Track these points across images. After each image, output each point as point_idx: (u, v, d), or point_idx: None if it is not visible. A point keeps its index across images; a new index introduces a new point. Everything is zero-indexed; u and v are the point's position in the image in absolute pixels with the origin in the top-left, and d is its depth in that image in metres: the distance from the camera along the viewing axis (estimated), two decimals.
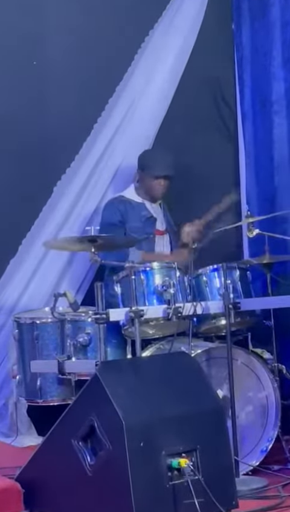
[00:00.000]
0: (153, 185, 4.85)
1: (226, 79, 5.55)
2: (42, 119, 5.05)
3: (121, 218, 4.80)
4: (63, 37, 5.10)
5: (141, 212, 4.85)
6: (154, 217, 4.90)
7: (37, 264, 5.01)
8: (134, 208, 4.85)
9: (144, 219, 4.84)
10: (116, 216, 4.80)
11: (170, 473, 3.11)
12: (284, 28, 5.15)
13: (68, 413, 3.34)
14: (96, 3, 5.21)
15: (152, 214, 4.89)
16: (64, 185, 5.10)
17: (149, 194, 4.89)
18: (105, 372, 3.27)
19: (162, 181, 4.84)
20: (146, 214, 4.87)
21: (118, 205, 4.85)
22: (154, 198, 4.92)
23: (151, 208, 4.91)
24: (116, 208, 4.83)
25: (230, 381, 3.85)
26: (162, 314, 4.01)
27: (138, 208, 4.85)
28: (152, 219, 4.88)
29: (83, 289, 5.07)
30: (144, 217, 4.85)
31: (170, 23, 5.32)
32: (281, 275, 4.76)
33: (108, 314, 3.83)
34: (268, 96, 5.24)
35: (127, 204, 4.85)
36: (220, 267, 4.17)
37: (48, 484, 3.36)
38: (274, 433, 4.13)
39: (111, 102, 5.21)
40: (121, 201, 4.87)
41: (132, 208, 4.84)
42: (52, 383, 4.43)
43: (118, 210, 4.83)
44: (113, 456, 3.09)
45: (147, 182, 4.86)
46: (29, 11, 5.03)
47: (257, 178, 5.37)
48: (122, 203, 4.86)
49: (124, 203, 4.85)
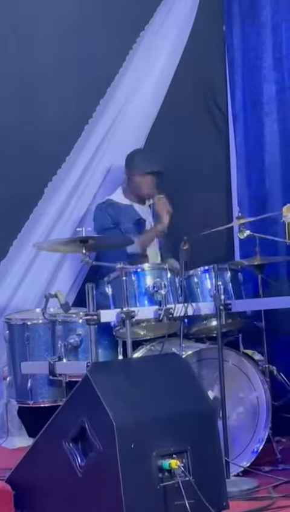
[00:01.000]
0: (141, 182, 4.85)
1: (217, 81, 5.56)
2: (33, 120, 5.04)
3: (113, 221, 4.80)
4: (53, 38, 5.10)
5: (131, 215, 4.85)
6: (144, 219, 4.89)
7: (28, 265, 5.01)
8: (122, 210, 4.85)
9: (133, 221, 4.84)
10: (107, 221, 4.81)
11: (160, 474, 3.11)
12: (275, 30, 5.17)
13: (59, 414, 3.33)
14: (87, 5, 5.21)
15: (141, 216, 4.89)
16: (55, 187, 5.10)
17: (137, 193, 4.89)
18: (96, 373, 3.26)
19: (150, 178, 4.83)
20: (136, 216, 4.87)
21: (106, 209, 4.85)
22: (142, 198, 4.92)
23: (140, 210, 4.91)
24: (106, 213, 4.84)
25: (221, 382, 3.85)
26: (153, 315, 4.01)
27: (126, 210, 4.86)
28: (141, 221, 4.88)
29: (74, 290, 5.06)
30: (133, 219, 4.85)
31: (161, 24, 5.33)
32: (272, 276, 4.77)
33: (99, 315, 3.82)
34: (259, 98, 5.25)
35: (116, 208, 4.85)
36: (211, 268, 4.17)
37: (39, 485, 3.35)
38: (265, 434, 4.13)
39: (102, 103, 5.21)
40: (110, 204, 4.87)
41: (120, 210, 4.85)
42: (43, 384, 4.42)
43: (107, 214, 4.83)
44: (104, 457, 3.08)
45: (135, 180, 4.86)
46: (19, 12, 5.03)
47: (248, 179, 5.38)
48: (111, 206, 4.86)
49: (112, 207, 4.85)
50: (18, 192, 4.97)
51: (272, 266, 4.88)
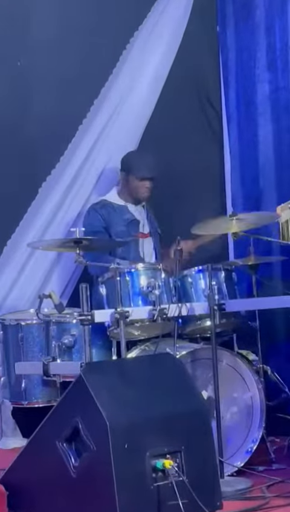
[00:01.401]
0: (138, 186, 4.84)
1: (211, 80, 5.57)
2: (27, 120, 5.03)
3: (104, 224, 4.81)
4: (47, 37, 5.09)
5: (124, 216, 4.85)
6: (138, 220, 4.89)
7: (22, 265, 5.00)
8: (116, 211, 4.84)
9: (127, 222, 4.84)
10: (98, 223, 4.81)
11: (154, 474, 3.11)
12: (268, 31, 5.18)
13: (52, 414, 3.33)
14: (81, 5, 5.21)
15: (135, 217, 4.89)
16: (49, 186, 5.10)
17: (133, 196, 4.88)
18: (89, 373, 3.26)
19: (147, 183, 4.83)
20: (129, 216, 4.86)
21: (99, 210, 4.85)
22: (138, 200, 4.91)
23: (134, 211, 4.91)
24: (98, 214, 4.83)
25: (215, 382, 3.85)
26: (148, 315, 4.01)
27: (120, 211, 4.85)
28: (135, 221, 4.88)
29: (68, 291, 5.06)
30: (127, 220, 4.85)
31: (154, 24, 5.34)
32: (266, 276, 4.77)
33: (93, 315, 3.82)
34: (253, 98, 5.26)
35: (110, 208, 4.85)
36: (205, 268, 4.16)
37: (33, 486, 3.35)
38: (259, 434, 4.13)
39: (96, 103, 5.21)
40: (103, 205, 4.87)
41: (114, 211, 4.84)
42: (37, 385, 4.42)
43: (100, 216, 4.83)
44: (98, 458, 3.08)
45: (132, 183, 4.85)
46: (13, 11, 5.02)
47: (242, 179, 5.39)
48: (104, 207, 4.86)
49: (106, 207, 4.85)
50: (12, 192, 4.97)
51: (266, 266, 4.88)
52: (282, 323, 4.99)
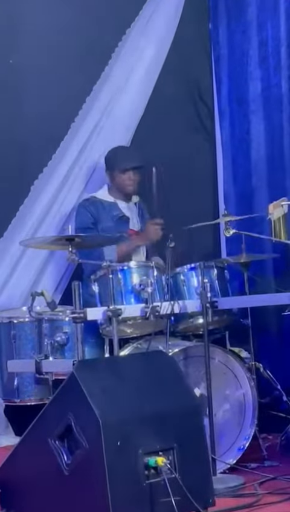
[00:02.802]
0: (123, 180, 4.85)
1: (204, 78, 5.58)
2: (19, 118, 5.03)
3: (93, 220, 4.81)
4: (39, 35, 5.09)
5: (113, 212, 4.86)
6: (127, 216, 4.90)
7: (15, 263, 5.00)
8: (105, 207, 4.85)
9: (115, 219, 4.85)
10: (88, 219, 4.82)
11: (146, 472, 3.10)
12: (260, 28, 5.18)
13: (45, 412, 3.32)
14: (73, 2, 5.20)
15: (124, 214, 4.89)
16: (41, 184, 5.09)
17: (121, 191, 4.90)
18: (82, 371, 3.25)
19: (131, 174, 4.84)
20: (118, 213, 4.87)
21: (88, 207, 4.86)
22: (127, 195, 4.92)
23: (124, 208, 4.91)
24: (87, 211, 4.85)
25: (207, 379, 3.86)
26: (140, 313, 4.00)
27: (109, 207, 4.86)
28: (124, 218, 4.89)
29: (61, 288, 5.06)
30: (115, 216, 4.86)
31: (147, 22, 5.34)
32: (258, 273, 4.78)
33: (85, 313, 3.82)
34: (245, 95, 5.27)
35: (99, 205, 4.86)
36: (197, 266, 4.17)
37: (25, 483, 3.34)
38: (251, 431, 4.14)
39: (88, 101, 5.21)
40: (92, 202, 4.88)
41: (103, 208, 4.85)
42: (29, 383, 4.41)
43: (88, 212, 4.84)
44: (90, 455, 3.07)
45: (117, 179, 4.88)
46: (4, 8, 5.01)
47: (235, 177, 5.39)
48: (94, 203, 4.87)
49: (95, 204, 4.86)
50: (4, 190, 4.97)
51: (258, 264, 4.90)
52: (274, 321, 5.00)
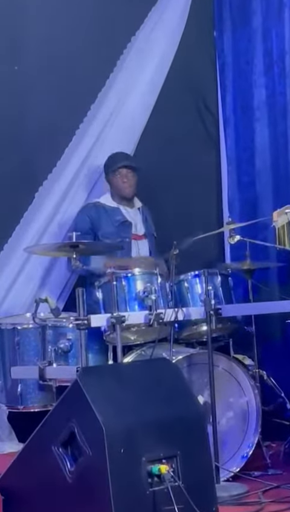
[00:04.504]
0: (117, 180, 4.87)
1: (208, 85, 5.58)
2: (24, 124, 5.04)
3: (91, 226, 4.83)
4: (44, 42, 5.10)
5: (116, 217, 4.87)
6: (130, 221, 4.90)
7: (19, 269, 5.00)
8: (108, 212, 4.86)
9: (117, 224, 4.86)
10: (85, 224, 4.84)
11: (150, 479, 3.10)
12: (265, 36, 5.19)
13: (48, 419, 3.32)
14: (78, 11, 5.21)
15: (127, 219, 4.90)
16: (45, 191, 5.10)
17: (120, 194, 4.91)
18: (85, 378, 3.26)
19: (124, 171, 4.84)
20: (120, 218, 4.88)
21: (89, 211, 4.88)
22: (126, 198, 4.92)
23: (127, 213, 4.92)
24: (87, 215, 4.87)
25: (211, 387, 3.85)
26: (144, 320, 4.01)
27: (112, 212, 4.87)
28: (127, 223, 4.89)
29: (65, 295, 5.06)
30: (118, 221, 4.86)
31: (152, 29, 5.35)
32: (262, 281, 4.77)
33: (89, 320, 3.82)
34: (250, 103, 5.27)
35: (101, 209, 4.87)
36: (201, 273, 4.17)
37: (28, 491, 3.34)
38: (255, 439, 4.13)
39: (93, 108, 5.22)
40: (95, 206, 4.90)
41: (105, 212, 4.86)
42: (33, 389, 4.41)
43: (87, 217, 4.86)
44: (93, 462, 3.07)
45: (114, 182, 4.90)
46: (10, 16, 5.03)
47: (239, 184, 5.39)
48: (95, 208, 4.88)
49: (96, 208, 4.88)
50: (9, 196, 4.97)
51: (263, 271, 4.89)
52: (278, 328, 4.99)
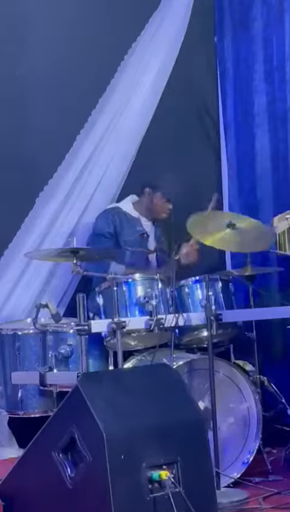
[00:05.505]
0: (162, 206, 4.87)
1: (209, 91, 5.60)
2: (25, 130, 5.04)
3: (114, 231, 4.81)
4: (45, 47, 5.10)
5: (136, 227, 4.87)
6: (148, 234, 4.91)
7: (19, 275, 5.00)
8: (129, 221, 4.86)
9: (137, 234, 4.86)
10: (108, 228, 4.82)
11: (150, 486, 3.09)
12: (266, 42, 5.21)
13: (49, 424, 3.32)
14: (79, 16, 5.22)
15: (145, 231, 4.90)
16: (46, 196, 5.10)
17: (152, 213, 4.91)
18: (86, 383, 3.26)
19: (171, 205, 4.84)
20: (141, 229, 4.89)
21: (112, 216, 4.86)
22: (154, 218, 4.93)
23: (146, 226, 4.93)
24: (110, 219, 4.85)
25: (212, 392, 3.85)
26: (144, 325, 4.01)
27: (133, 222, 4.88)
28: (145, 235, 4.89)
29: (66, 300, 5.05)
30: (137, 232, 4.86)
31: (153, 35, 5.36)
32: (262, 286, 4.78)
33: (90, 325, 3.82)
34: (250, 109, 5.29)
35: (123, 217, 4.86)
36: (202, 278, 4.17)
37: (28, 496, 3.34)
38: (255, 445, 4.13)
39: (94, 114, 5.22)
40: (117, 212, 4.88)
41: (127, 221, 4.86)
42: (33, 395, 4.40)
43: (111, 222, 4.84)
44: (94, 468, 3.07)
45: (156, 202, 4.88)
46: (12, 22, 5.04)
47: (240, 190, 5.40)
48: (118, 214, 4.87)
49: (119, 215, 4.87)
50: (9, 201, 4.97)
51: (263, 277, 4.89)
52: (279, 334, 4.99)
